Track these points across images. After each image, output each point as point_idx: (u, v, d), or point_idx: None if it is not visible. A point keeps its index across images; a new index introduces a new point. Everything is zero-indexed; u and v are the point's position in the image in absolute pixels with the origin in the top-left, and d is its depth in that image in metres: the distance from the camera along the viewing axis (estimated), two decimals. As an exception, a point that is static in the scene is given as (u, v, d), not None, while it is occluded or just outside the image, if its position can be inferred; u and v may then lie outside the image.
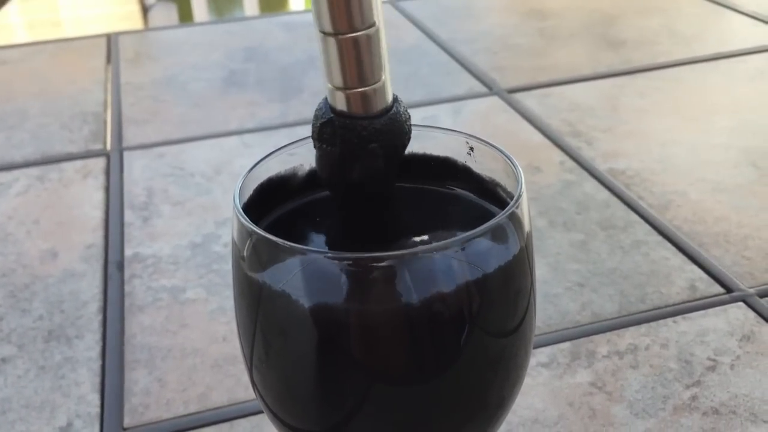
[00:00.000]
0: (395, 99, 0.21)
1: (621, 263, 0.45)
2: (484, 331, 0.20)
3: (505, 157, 0.22)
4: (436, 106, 0.66)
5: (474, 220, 0.22)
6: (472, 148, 0.23)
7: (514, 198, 0.20)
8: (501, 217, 0.19)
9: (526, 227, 0.21)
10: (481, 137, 0.23)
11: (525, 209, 0.20)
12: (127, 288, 0.44)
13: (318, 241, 0.21)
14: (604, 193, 0.52)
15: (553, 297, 0.42)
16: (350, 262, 0.18)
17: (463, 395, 0.20)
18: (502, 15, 0.88)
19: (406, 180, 0.22)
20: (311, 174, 0.24)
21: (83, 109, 0.68)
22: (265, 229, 0.20)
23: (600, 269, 0.44)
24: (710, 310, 0.40)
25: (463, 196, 0.23)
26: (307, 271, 0.19)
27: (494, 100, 0.66)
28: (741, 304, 0.41)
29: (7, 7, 1.29)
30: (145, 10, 1.39)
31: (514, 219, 0.20)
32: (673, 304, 0.41)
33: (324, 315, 0.19)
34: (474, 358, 0.20)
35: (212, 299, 0.43)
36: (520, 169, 0.21)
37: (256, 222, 0.20)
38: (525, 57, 0.75)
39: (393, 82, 0.21)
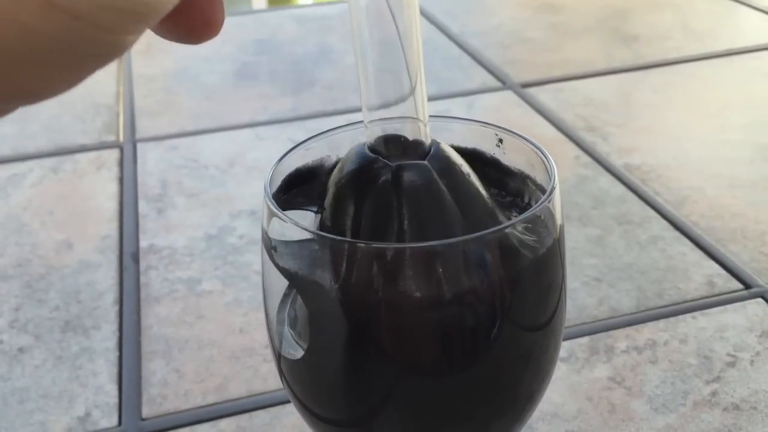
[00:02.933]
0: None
1: (638, 258, 0.45)
2: (517, 325, 0.20)
3: (535, 149, 0.21)
4: (450, 100, 0.66)
5: (506, 211, 0.22)
6: (501, 140, 0.23)
7: (548, 190, 0.19)
8: (536, 209, 0.19)
9: (558, 220, 0.21)
10: (511, 129, 0.23)
11: (557, 202, 0.20)
12: (143, 279, 0.44)
13: (350, 230, 0.21)
14: (620, 188, 0.51)
15: (570, 291, 0.42)
16: (384, 252, 0.18)
17: (495, 388, 0.20)
18: (515, 9, 0.88)
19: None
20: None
21: (96, 101, 0.68)
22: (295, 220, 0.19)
23: (617, 264, 0.44)
24: (729, 306, 0.40)
25: (493, 187, 0.23)
26: (338, 261, 0.19)
27: (507, 95, 0.66)
28: (760, 300, 0.41)
29: None
30: None
31: (548, 211, 0.20)
32: (692, 300, 0.41)
33: (357, 305, 0.19)
34: (507, 350, 0.20)
35: (228, 291, 0.43)
36: (552, 161, 0.21)
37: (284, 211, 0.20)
38: (538, 51, 0.75)
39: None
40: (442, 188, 0.19)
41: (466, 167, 0.21)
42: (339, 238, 0.19)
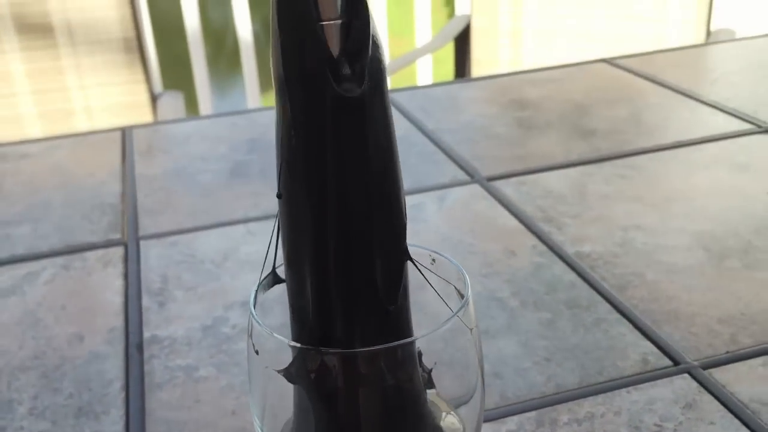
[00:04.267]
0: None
1: (583, 339, 0.51)
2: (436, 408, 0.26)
3: (457, 268, 0.28)
4: (423, 194, 0.73)
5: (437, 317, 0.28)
6: (434, 260, 0.29)
7: (462, 303, 0.26)
8: (448, 321, 0.25)
9: (472, 325, 0.27)
10: (439, 251, 0.30)
11: (471, 310, 0.27)
12: (146, 367, 0.50)
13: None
14: (571, 275, 0.58)
15: (522, 371, 0.48)
16: (331, 356, 0.24)
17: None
18: (484, 105, 0.96)
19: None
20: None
21: (102, 201, 0.75)
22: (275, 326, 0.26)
23: (565, 345, 0.50)
24: (659, 381, 0.46)
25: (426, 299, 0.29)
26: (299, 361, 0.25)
27: (475, 188, 0.73)
28: (686, 375, 0.46)
29: (20, 98, 1.37)
30: (153, 99, 1.48)
31: (461, 321, 0.26)
32: (627, 376, 0.47)
33: (309, 395, 0.25)
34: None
35: (222, 377, 0.49)
36: (467, 279, 0.27)
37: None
38: (504, 146, 0.82)
39: None
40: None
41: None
42: (305, 347, 0.25)
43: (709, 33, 1.56)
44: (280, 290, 0.30)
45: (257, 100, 2.21)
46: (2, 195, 0.77)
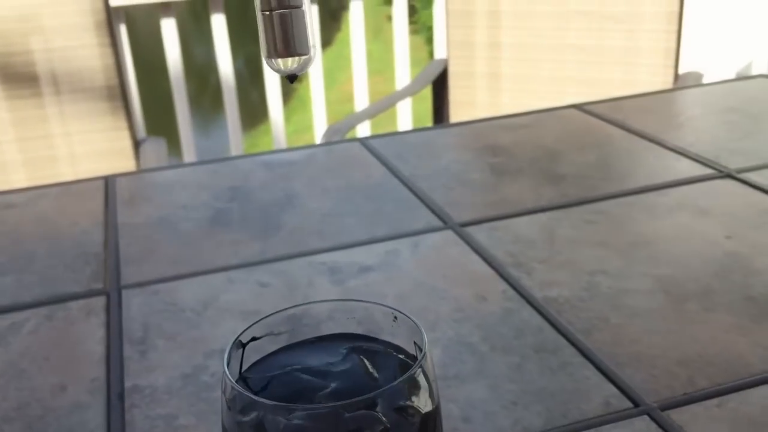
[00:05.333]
0: None
1: (550, 383, 0.53)
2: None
3: (416, 325, 0.30)
4: (398, 241, 0.75)
5: (399, 372, 0.30)
6: (396, 317, 0.31)
7: (418, 360, 0.28)
8: (406, 376, 0.27)
9: (432, 377, 0.29)
10: (400, 310, 0.32)
11: (429, 364, 0.29)
12: (127, 417, 0.52)
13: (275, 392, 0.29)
14: (539, 319, 0.60)
15: (491, 414, 0.50)
16: (294, 413, 0.27)
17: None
18: (459, 152, 0.99)
19: (344, 340, 0.30)
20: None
21: (85, 250, 0.76)
22: (246, 381, 0.28)
23: (532, 388, 0.52)
24: (619, 423, 0.48)
25: (389, 353, 0.31)
26: (265, 416, 0.27)
27: (448, 234, 0.76)
28: (645, 417, 0.49)
29: (4, 146, 1.39)
30: (136, 144, 1.50)
31: (419, 378, 0.28)
32: (590, 418, 0.49)
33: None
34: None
35: (201, 425, 0.50)
36: (425, 336, 0.29)
37: (244, 374, 0.28)
38: (477, 192, 0.85)
39: (361, 218, 0.28)
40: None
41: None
42: (259, 399, 0.27)
43: (677, 76, 1.62)
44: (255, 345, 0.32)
45: (239, 138, 2.24)
46: (-14, 245, 0.79)
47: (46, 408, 0.53)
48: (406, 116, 2.43)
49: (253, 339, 0.31)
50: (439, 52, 2.11)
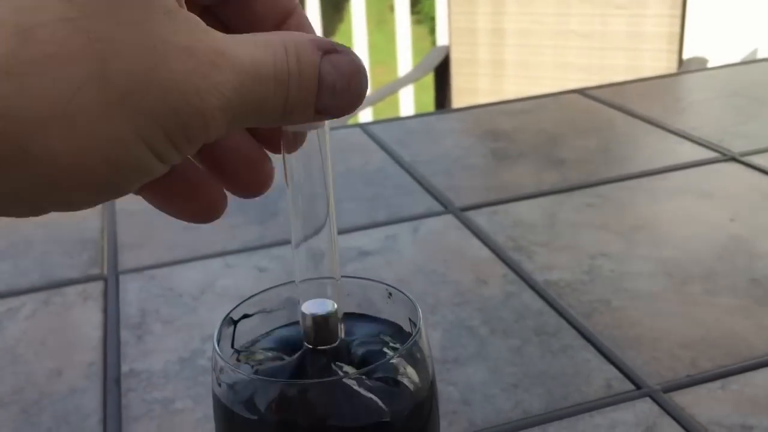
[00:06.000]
0: None
1: (550, 365, 0.52)
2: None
3: (411, 301, 0.29)
4: (398, 225, 0.74)
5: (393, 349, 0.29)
6: (390, 294, 0.31)
7: (412, 336, 0.27)
8: (400, 351, 0.27)
9: (427, 353, 0.28)
10: (394, 285, 0.31)
11: (424, 341, 0.28)
12: (124, 401, 0.51)
13: (269, 366, 0.28)
14: (540, 303, 0.59)
15: (491, 397, 0.49)
16: (286, 387, 0.26)
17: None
18: (460, 137, 0.98)
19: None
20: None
21: (83, 236, 0.76)
22: (239, 357, 0.27)
23: (532, 371, 0.52)
24: (621, 405, 0.48)
25: (385, 329, 0.31)
26: (258, 392, 0.27)
27: (449, 219, 0.75)
28: (647, 398, 0.48)
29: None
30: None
31: (416, 349, 0.27)
32: (591, 401, 0.48)
33: (270, 428, 0.26)
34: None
35: (198, 408, 0.50)
36: (420, 312, 0.29)
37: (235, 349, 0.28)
38: (477, 177, 0.85)
39: (360, 203, 0.27)
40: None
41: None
42: (253, 376, 0.26)
43: (681, 62, 1.60)
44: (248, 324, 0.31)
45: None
46: (-16, 231, 0.78)
47: (42, 393, 0.53)
48: (408, 106, 2.42)
49: (245, 316, 0.30)
50: (441, 39, 2.10)
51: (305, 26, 0.25)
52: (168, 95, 0.19)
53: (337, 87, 0.22)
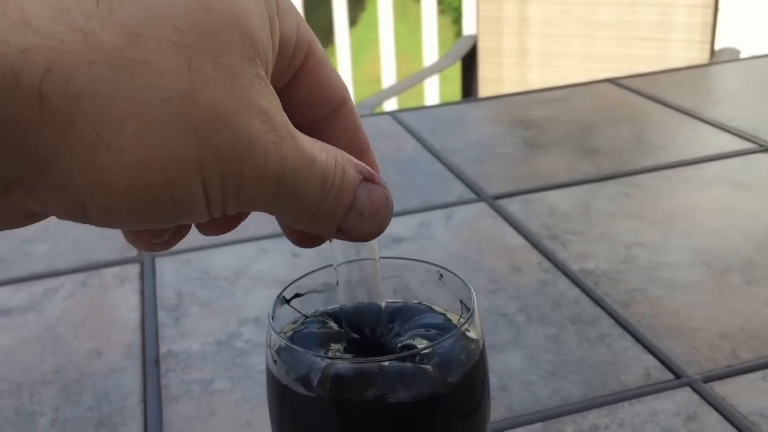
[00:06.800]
0: None
1: (588, 354, 0.52)
2: (451, 414, 0.27)
3: (464, 282, 0.29)
4: (430, 212, 0.74)
5: (445, 330, 0.29)
6: (441, 276, 0.31)
7: (467, 316, 0.27)
8: (452, 334, 0.27)
9: (480, 335, 0.28)
10: (447, 267, 0.31)
11: (477, 321, 0.28)
12: (163, 381, 0.52)
13: (327, 346, 0.28)
14: (575, 291, 0.59)
15: (529, 384, 0.49)
16: (347, 366, 0.26)
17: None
18: (491, 125, 0.98)
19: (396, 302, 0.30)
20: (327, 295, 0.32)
21: (118, 220, 0.76)
22: (291, 337, 0.27)
23: (570, 359, 0.52)
24: (661, 394, 0.47)
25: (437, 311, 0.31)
26: (314, 370, 0.27)
27: (482, 206, 0.75)
28: (687, 388, 0.48)
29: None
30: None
31: (468, 332, 0.27)
32: (630, 389, 0.48)
33: (328, 404, 0.26)
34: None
35: (236, 389, 0.50)
36: (473, 293, 0.29)
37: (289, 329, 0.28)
38: (510, 165, 0.84)
39: (392, 190, 0.27)
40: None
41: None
42: (309, 352, 0.27)
43: (713, 53, 1.58)
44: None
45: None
46: (20, 214, 0.79)
47: (83, 372, 0.53)
48: (433, 96, 2.41)
49: (297, 295, 0.31)
50: (468, 28, 2.09)
51: (354, 122, 0.26)
52: (238, 143, 0.20)
53: (365, 213, 0.24)
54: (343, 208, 0.23)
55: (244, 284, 0.63)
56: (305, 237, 0.26)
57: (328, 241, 0.27)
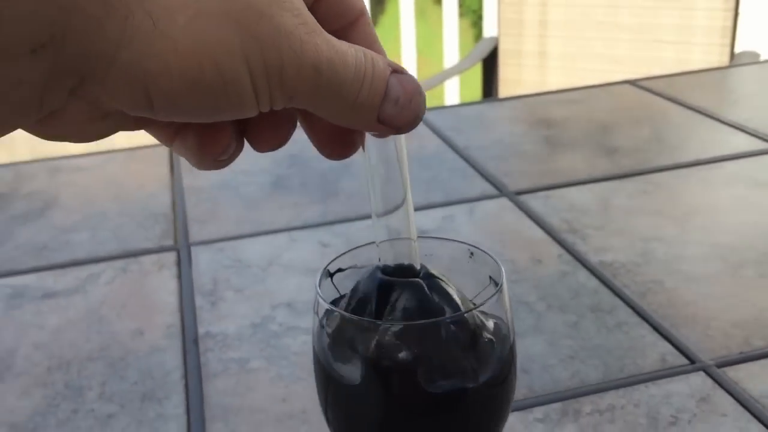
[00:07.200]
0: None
1: (606, 340, 0.54)
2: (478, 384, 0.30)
3: (492, 259, 0.32)
4: (453, 207, 0.77)
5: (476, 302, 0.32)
6: (472, 253, 0.33)
7: (496, 290, 0.30)
8: (485, 302, 0.29)
9: (508, 309, 0.31)
10: (475, 245, 0.34)
11: (505, 294, 0.31)
12: (202, 359, 0.55)
13: (370, 312, 0.31)
14: (594, 282, 0.62)
15: (549, 367, 0.52)
16: (387, 328, 0.29)
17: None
18: (512, 124, 1.00)
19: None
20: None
21: (154, 211, 0.80)
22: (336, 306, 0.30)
23: (588, 345, 0.54)
24: (676, 378, 0.50)
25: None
26: (357, 333, 0.29)
27: (503, 201, 0.77)
28: (701, 372, 0.50)
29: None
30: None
31: (498, 305, 0.30)
32: (646, 373, 0.50)
33: (370, 365, 0.29)
34: (471, 407, 0.30)
35: (272, 368, 0.53)
36: (503, 269, 0.31)
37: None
38: (531, 162, 0.87)
39: (416, 186, 0.30)
40: (428, 294, 0.30)
41: (444, 281, 0.31)
42: (353, 316, 0.29)
43: (732, 55, 1.59)
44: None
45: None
46: (60, 204, 0.83)
47: (127, 350, 0.57)
48: (453, 97, 2.44)
49: (339, 270, 0.33)
50: (489, 31, 2.11)
51: (371, 31, 0.28)
52: (275, 32, 0.22)
53: (400, 101, 0.25)
54: (378, 97, 0.24)
55: (275, 272, 0.66)
56: (337, 145, 0.28)
57: (361, 149, 0.28)
